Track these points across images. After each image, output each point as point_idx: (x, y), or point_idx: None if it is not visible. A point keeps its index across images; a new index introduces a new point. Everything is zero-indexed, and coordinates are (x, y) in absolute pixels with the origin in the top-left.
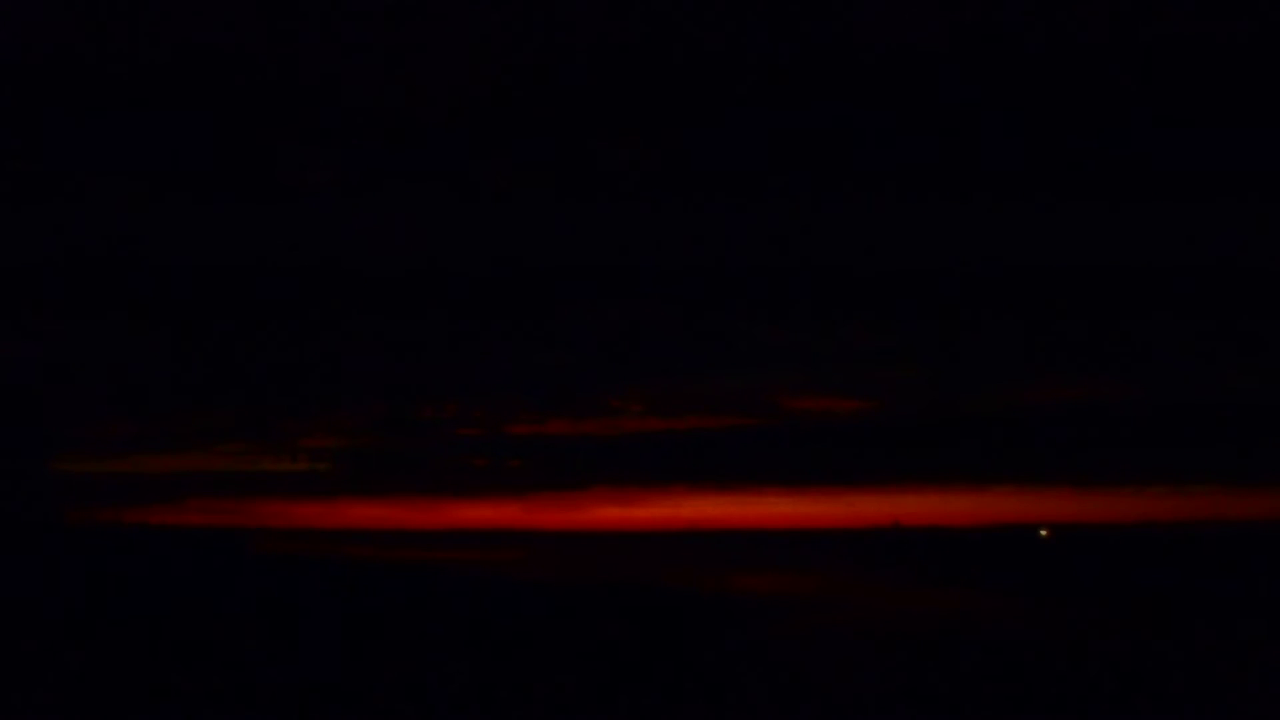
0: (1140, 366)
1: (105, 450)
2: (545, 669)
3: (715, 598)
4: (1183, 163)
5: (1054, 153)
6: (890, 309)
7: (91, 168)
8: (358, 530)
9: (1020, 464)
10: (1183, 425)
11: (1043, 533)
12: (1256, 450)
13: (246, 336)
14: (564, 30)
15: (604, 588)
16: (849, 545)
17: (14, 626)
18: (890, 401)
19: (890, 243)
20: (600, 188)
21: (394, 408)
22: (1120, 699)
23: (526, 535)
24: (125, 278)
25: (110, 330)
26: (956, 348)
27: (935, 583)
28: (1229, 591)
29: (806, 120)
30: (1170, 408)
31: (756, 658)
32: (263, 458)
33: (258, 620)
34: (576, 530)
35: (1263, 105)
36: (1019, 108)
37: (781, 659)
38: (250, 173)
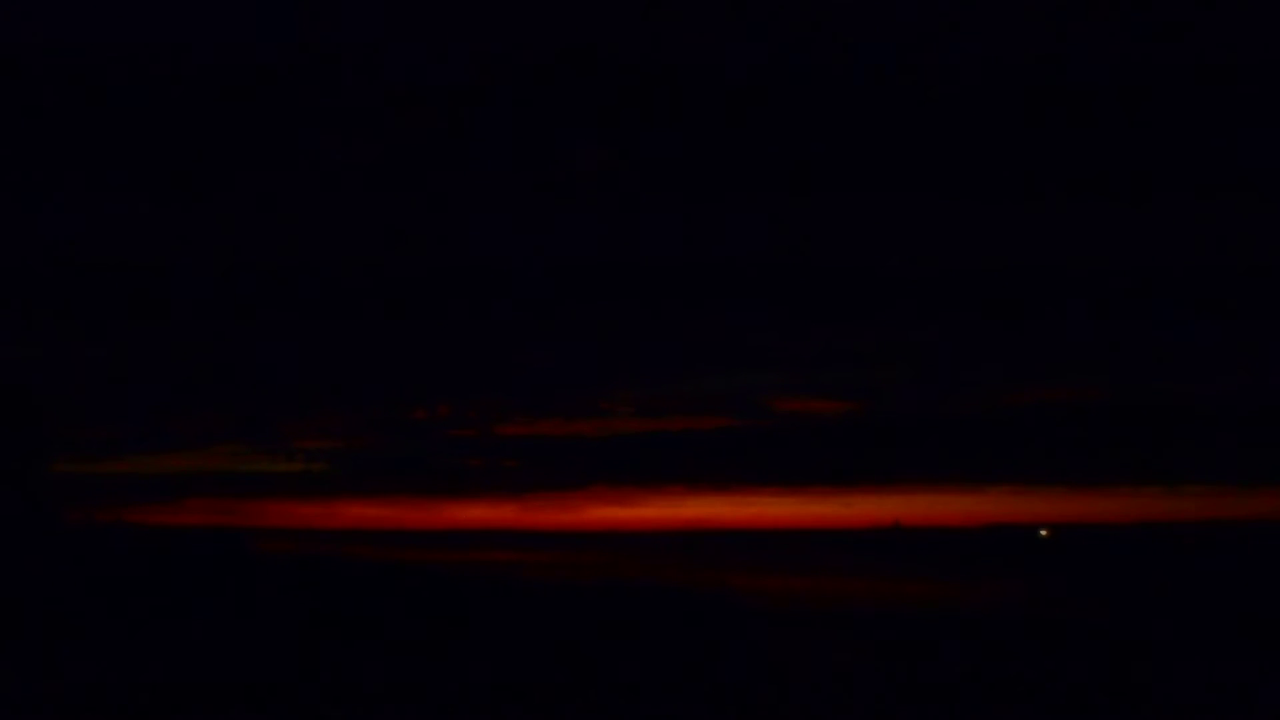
0: (1138, 366)
1: (104, 451)
2: (544, 669)
3: (715, 598)
4: (1179, 161)
5: (1049, 152)
6: (883, 310)
7: (89, 168)
8: (356, 530)
9: (1018, 464)
10: (1181, 425)
11: (1042, 533)
12: (1256, 450)
13: (243, 338)
14: (556, 29)
15: (602, 588)
16: (849, 545)
17: (14, 626)
18: (885, 402)
19: (883, 243)
20: (593, 188)
21: (388, 409)
22: (1121, 699)
23: (524, 535)
24: (123, 278)
25: (109, 331)
26: (952, 348)
27: (936, 583)
28: (1228, 591)
29: (799, 121)
30: (1169, 407)
31: (756, 658)
32: (260, 458)
33: (257, 620)
34: (574, 530)
35: (1259, 106)
36: (1010, 106)
37: (781, 659)
38: (247, 174)
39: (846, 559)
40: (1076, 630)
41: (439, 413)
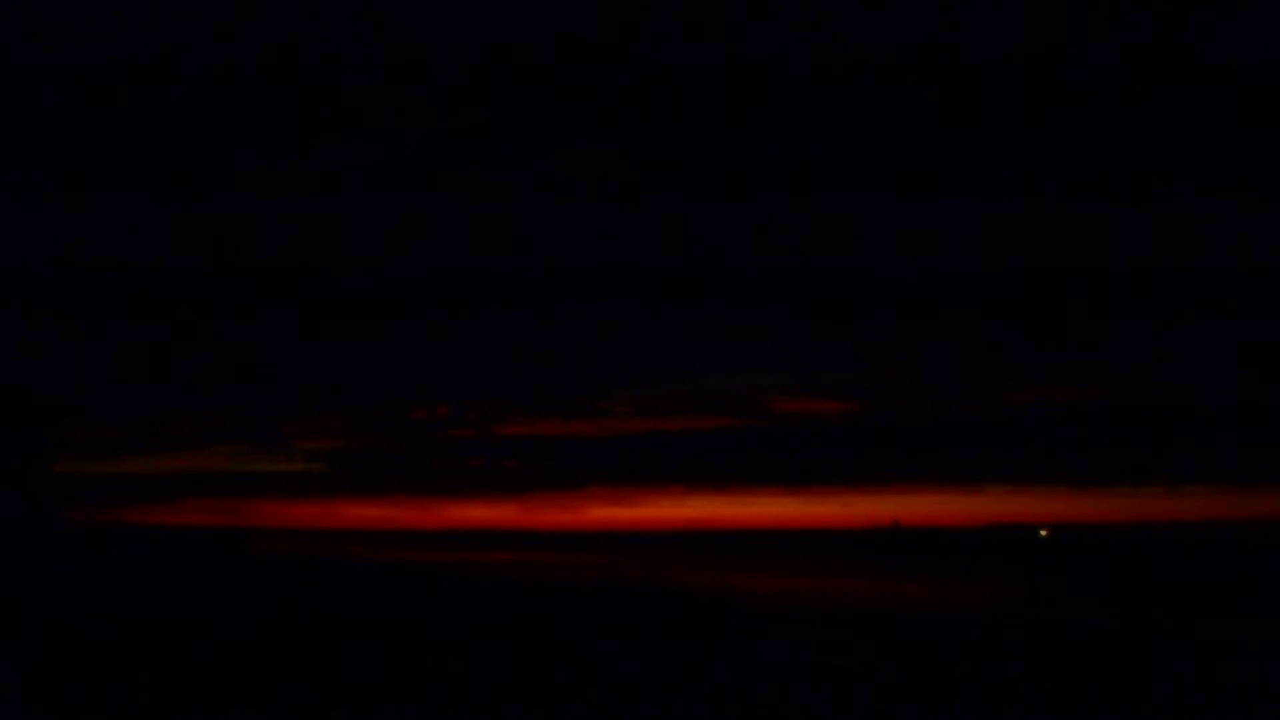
0: (1137, 366)
1: (104, 451)
2: (544, 669)
3: (715, 598)
4: (1179, 161)
5: (1049, 152)
6: (883, 310)
7: (87, 169)
8: (355, 530)
9: (1018, 464)
10: (1181, 425)
11: (1042, 533)
12: (1256, 450)
13: (243, 338)
14: (550, 29)
15: (602, 588)
16: (849, 545)
17: (13, 626)
18: (883, 402)
19: (883, 243)
20: (589, 189)
21: (386, 409)
22: (1121, 699)
23: (524, 535)
24: (123, 278)
25: (108, 332)
26: (952, 348)
27: (936, 583)
28: (1228, 591)
29: (795, 122)
30: (1169, 407)
31: (756, 658)
32: (260, 458)
33: (258, 620)
34: (574, 530)
35: (1259, 106)
36: (1010, 106)
37: (781, 659)
38: (245, 175)
39: (846, 559)
40: (1076, 630)
41: (439, 413)
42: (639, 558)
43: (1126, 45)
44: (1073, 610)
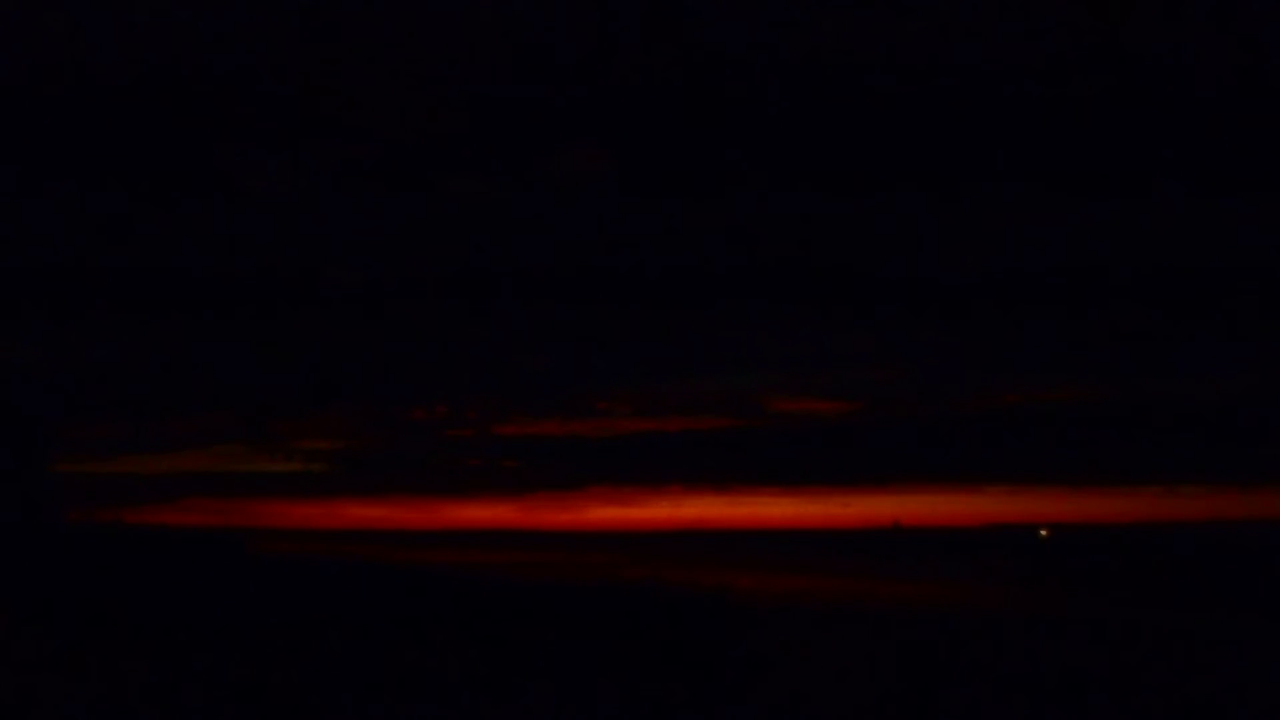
0: (1138, 366)
1: (105, 451)
2: (544, 669)
3: (714, 598)
4: (1179, 161)
5: (1048, 152)
6: (883, 310)
7: (90, 172)
8: (355, 530)
9: (1018, 464)
10: (1181, 425)
11: (1042, 533)
12: (1256, 450)
13: (243, 338)
14: (548, 31)
15: (602, 588)
16: (849, 545)
17: (14, 626)
18: (885, 402)
19: (882, 243)
20: (589, 191)
21: (388, 409)
22: (1121, 698)
23: (524, 535)
24: (124, 279)
25: (109, 333)
26: (952, 348)
27: (935, 582)
28: (1228, 591)
29: (794, 124)
30: (1168, 408)
31: (756, 658)
32: (260, 458)
33: (257, 620)
34: (573, 530)
35: (1259, 107)
36: (1010, 107)
37: (781, 659)
38: (247, 179)
39: (846, 559)
40: (1076, 630)
41: (438, 413)
42: (639, 558)
43: (1127, 46)
44: (1073, 610)
